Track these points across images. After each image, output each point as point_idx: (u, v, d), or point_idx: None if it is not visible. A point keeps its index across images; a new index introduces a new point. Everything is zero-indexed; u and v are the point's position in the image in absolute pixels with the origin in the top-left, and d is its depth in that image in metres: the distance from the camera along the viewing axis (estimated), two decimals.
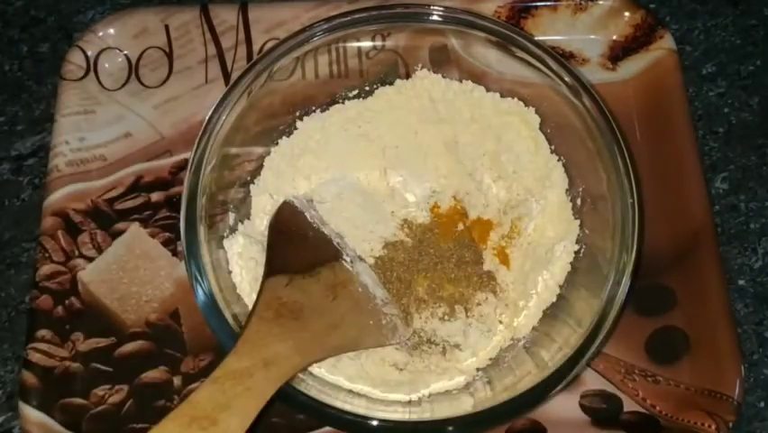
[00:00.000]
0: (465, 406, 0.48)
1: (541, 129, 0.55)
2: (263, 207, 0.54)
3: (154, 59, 0.62)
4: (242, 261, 0.51)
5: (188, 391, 0.52)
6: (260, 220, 0.54)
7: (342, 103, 0.57)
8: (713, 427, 0.50)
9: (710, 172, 0.61)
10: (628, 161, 0.49)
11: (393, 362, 0.51)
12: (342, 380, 0.49)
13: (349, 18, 0.53)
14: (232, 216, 0.54)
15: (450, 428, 0.44)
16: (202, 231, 0.49)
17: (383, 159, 0.57)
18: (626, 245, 0.47)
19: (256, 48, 0.63)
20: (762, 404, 0.54)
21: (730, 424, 0.50)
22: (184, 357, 0.53)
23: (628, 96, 0.61)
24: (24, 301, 0.57)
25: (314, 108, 0.57)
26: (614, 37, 0.63)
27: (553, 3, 0.63)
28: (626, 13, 0.63)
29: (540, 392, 0.45)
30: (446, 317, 0.52)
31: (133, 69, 0.62)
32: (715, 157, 0.61)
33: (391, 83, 0.57)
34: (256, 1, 0.64)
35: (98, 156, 0.59)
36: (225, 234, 0.52)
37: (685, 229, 0.56)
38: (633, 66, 0.62)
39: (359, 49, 0.59)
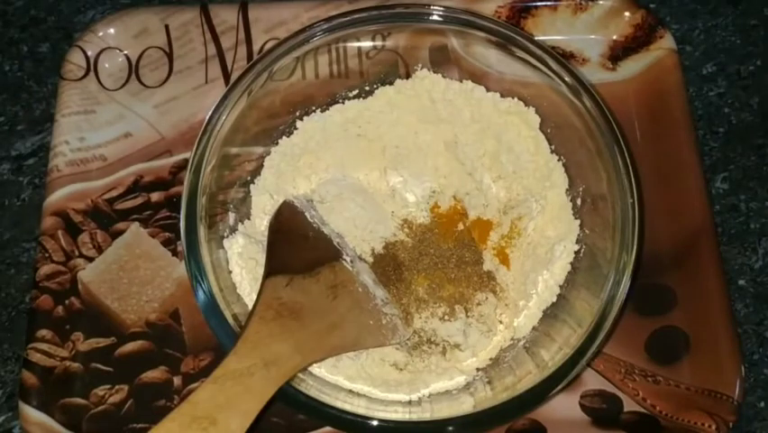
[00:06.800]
0: (465, 406, 0.48)
1: (541, 129, 0.55)
2: (263, 207, 0.54)
3: (154, 59, 0.62)
4: (242, 261, 0.51)
5: (188, 391, 0.52)
6: (260, 220, 0.54)
7: (343, 103, 0.57)
8: (713, 427, 0.50)
9: (710, 172, 0.61)
10: (628, 160, 0.49)
11: (393, 362, 0.51)
12: (342, 380, 0.49)
13: (349, 18, 0.53)
14: (232, 216, 0.54)
15: (450, 428, 0.44)
16: (202, 231, 0.49)
17: (383, 159, 0.57)
18: (626, 245, 0.47)
19: (256, 48, 0.63)
20: (762, 404, 0.54)
21: (730, 424, 0.50)
22: (184, 357, 0.53)
23: (628, 96, 0.61)
24: (24, 301, 0.57)
25: (314, 108, 0.57)
26: (614, 37, 0.63)
27: (553, 3, 0.63)
28: (627, 13, 0.63)
29: (540, 392, 0.45)
30: (446, 317, 0.52)
31: (133, 69, 0.62)
32: (715, 157, 0.61)
33: (391, 83, 0.57)
34: (256, 1, 0.64)
35: (98, 156, 0.59)
36: (225, 234, 0.52)
37: (685, 229, 0.56)
38: (633, 66, 0.62)
39: (359, 49, 0.59)
